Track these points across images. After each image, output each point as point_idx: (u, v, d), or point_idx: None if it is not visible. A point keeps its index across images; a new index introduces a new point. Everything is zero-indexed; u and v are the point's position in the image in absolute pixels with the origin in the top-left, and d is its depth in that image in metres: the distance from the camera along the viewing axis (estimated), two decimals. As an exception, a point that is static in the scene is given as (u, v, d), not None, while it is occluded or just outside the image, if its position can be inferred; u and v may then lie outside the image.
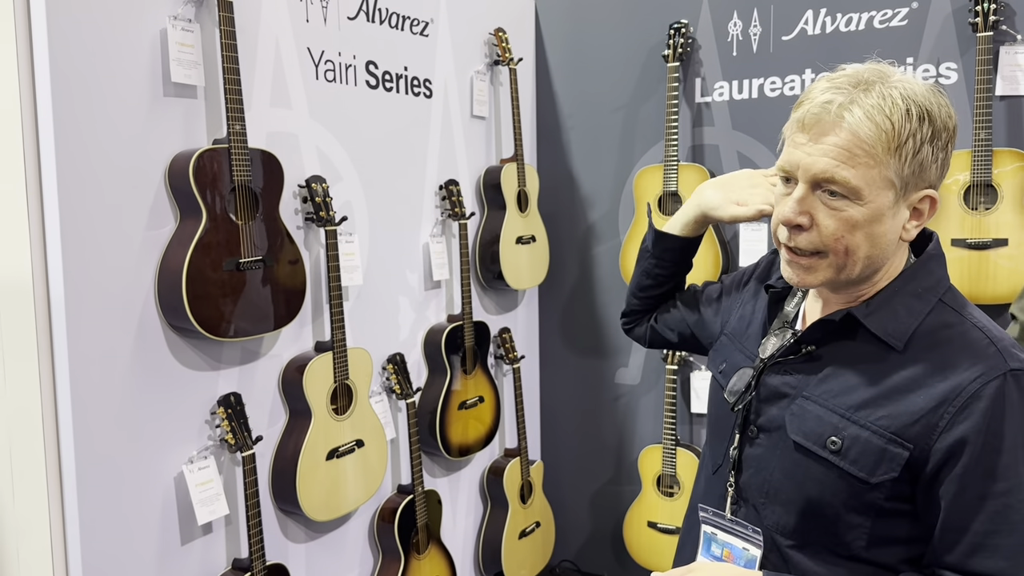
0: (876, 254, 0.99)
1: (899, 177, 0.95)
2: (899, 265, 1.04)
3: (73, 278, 1.62)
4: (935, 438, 0.94)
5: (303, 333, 2.15)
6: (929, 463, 0.95)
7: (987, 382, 0.93)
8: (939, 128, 0.95)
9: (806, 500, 1.02)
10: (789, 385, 1.06)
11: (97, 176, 1.66)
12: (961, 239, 2.36)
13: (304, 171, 2.13)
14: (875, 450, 0.97)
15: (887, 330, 1.00)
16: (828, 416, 1.01)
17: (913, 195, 0.98)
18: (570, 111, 3.14)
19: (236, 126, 1.80)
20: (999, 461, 0.92)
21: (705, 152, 2.88)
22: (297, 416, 2.08)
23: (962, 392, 0.93)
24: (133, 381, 1.74)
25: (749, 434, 1.11)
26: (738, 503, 1.12)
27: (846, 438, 0.99)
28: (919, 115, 0.94)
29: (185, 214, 1.78)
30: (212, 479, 1.87)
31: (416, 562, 2.39)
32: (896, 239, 0.99)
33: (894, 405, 0.97)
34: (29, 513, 1.69)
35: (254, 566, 1.88)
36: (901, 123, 0.93)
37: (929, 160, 0.95)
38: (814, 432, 1.01)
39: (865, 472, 0.97)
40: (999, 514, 0.92)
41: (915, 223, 1.00)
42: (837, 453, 0.99)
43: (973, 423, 0.92)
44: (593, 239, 3.13)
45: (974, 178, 2.33)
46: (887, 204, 0.96)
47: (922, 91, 0.96)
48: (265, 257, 1.87)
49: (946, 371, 0.95)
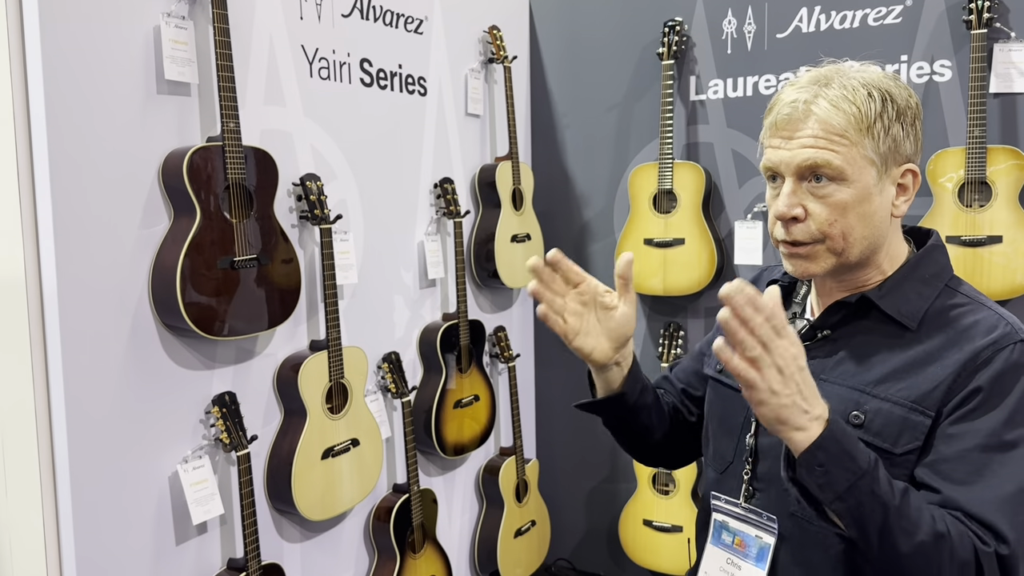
0: (870, 234, 1.04)
1: (876, 154, 1.01)
2: (900, 253, 1.08)
3: (66, 277, 1.61)
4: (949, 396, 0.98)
5: (298, 332, 2.14)
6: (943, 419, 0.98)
7: (1000, 348, 0.97)
8: (903, 107, 1.02)
9: None
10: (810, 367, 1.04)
11: (90, 174, 1.65)
12: (955, 236, 2.36)
13: (298, 169, 2.12)
14: (897, 420, 1.00)
15: (900, 310, 1.03)
16: (848, 394, 1.03)
17: (894, 170, 1.03)
18: (565, 109, 3.13)
19: (230, 124, 1.79)
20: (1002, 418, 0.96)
21: (700, 150, 2.88)
22: (292, 415, 2.07)
23: (977, 357, 0.98)
24: (127, 380, 1.73)
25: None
26: (754, 493, 1.13)
27: (868, 412, 1.01)
28: (881, 97, 1.01)
29: (179, 212, 1.77)
30: (207, 479, 1.86)
31: (412, 561, 2.39)
32: (887, 216, 1.04)
33: (912, 377, 1.00)
34: (22, 513, 1.68)
35: (249, 566, 1.87)
36: (866, 106, 1.00)
37: (901, 136, 1.02)
38: (838, 409, 1.01)
39: (889, 443, 1.00)
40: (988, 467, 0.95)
41: (903, 198, 1.05)
42: (860, 427, 1.01)
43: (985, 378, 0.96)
44: (588, 237, 3.13)
45: (968, 175, 2.33)
46: (872, 182, 1.02)
47: (878, 77, 1.03)
48: (259, 255, 1.86)
49: (961, 343, 0.99)
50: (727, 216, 2.85)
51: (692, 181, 2.76)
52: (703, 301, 2.92)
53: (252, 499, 1.88)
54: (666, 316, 2.99)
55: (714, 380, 1.27)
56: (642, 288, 2.87)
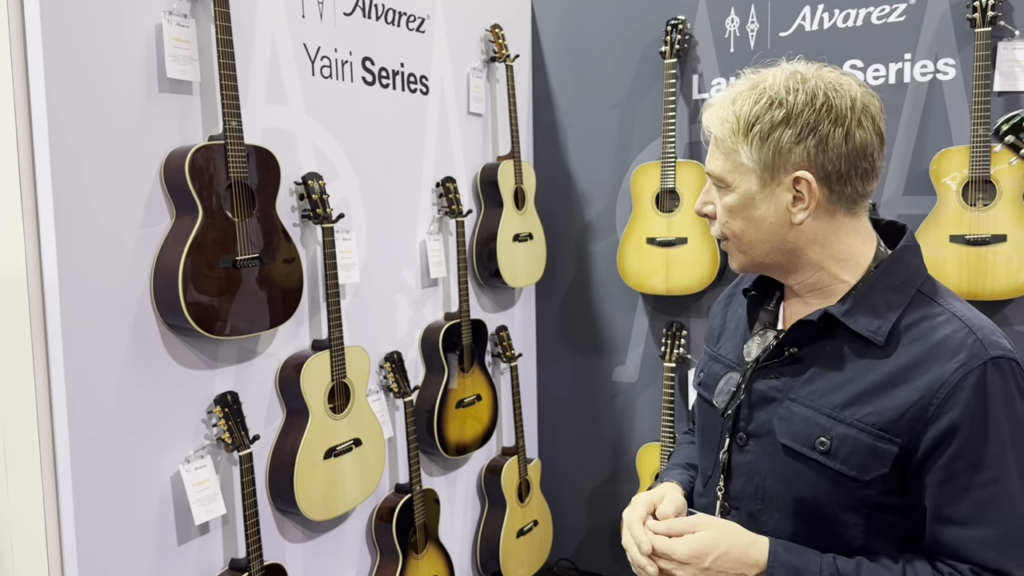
0: (768, 238, 1.04)
1: (755, 162, 1.00)
2: (859, 256, 1.05)
3: (68, 276, 1.61)
4: (922, 430, 0.95)
5: (300, 331, 2.13)
6: (918, 453, 0.96)
7: (968, 372, 0.94)
8: (794, 112, 0.98)
9: (801, 503, 1.03)
10: (776, 389, 1.07)
11: (92, 173, 1.64)
12: (959, 235, 2.35)
13: (300, 168, 2.11)
14: (864, 448, 0.98)
15: (867, 326, 1.00)
16: (815, 417, 1.01)
17: (783, 178, 1.00)
18: (567, 108, 3.12)
19: (232, 122, 1.78)
20: (985, 450, 0.93)
21: (702, 149, 2.87)
22: (294, 415, 2.06)
23: (945, 383, 0.94)
24: (129, 379, 1.73)
25: (738, 441, 1.11)
26: (728, 511, 1.12)
27: (834, 438, 0.99)
28: (768, 102, 0.99)
29: (181, 211, 1.77)
30: (209, 479, 1.85)
31: (414, 561, 2.38)
32: (785, 223, 1.02)
33: (880, 401, 0.97)
34: (24, 513, 1.67)
35: (251, 566, 1.87)
36: (747, 112, 0.99)
37: (787, 143, 0.98)
38: (803, 434, 1.02)
39: (857, 470, 0.98)
40: (987, 503, 0.93)
41: (800, 207, 1.01)
42: (827, 454, 0.99)
43: (958, 413, 0.93)
44: (590, 236, 3.12)
45: (972, 174, 2.32)
46: (754, 188, 1.01)
47: (781, 80, 1.00)
48: (262, 255, 1.86)
49: (928, 363, 0.96)
50: (730, 215, 2.84)
51: (695, 180, 2.75)
52: (705, 300, 2.92)
53: (254, 499, 1.87)
54: (669, 315, 2.99)
55: (698, 394, 1.26)
56: (645, 287, 2.86)
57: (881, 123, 1.02)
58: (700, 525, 1.04)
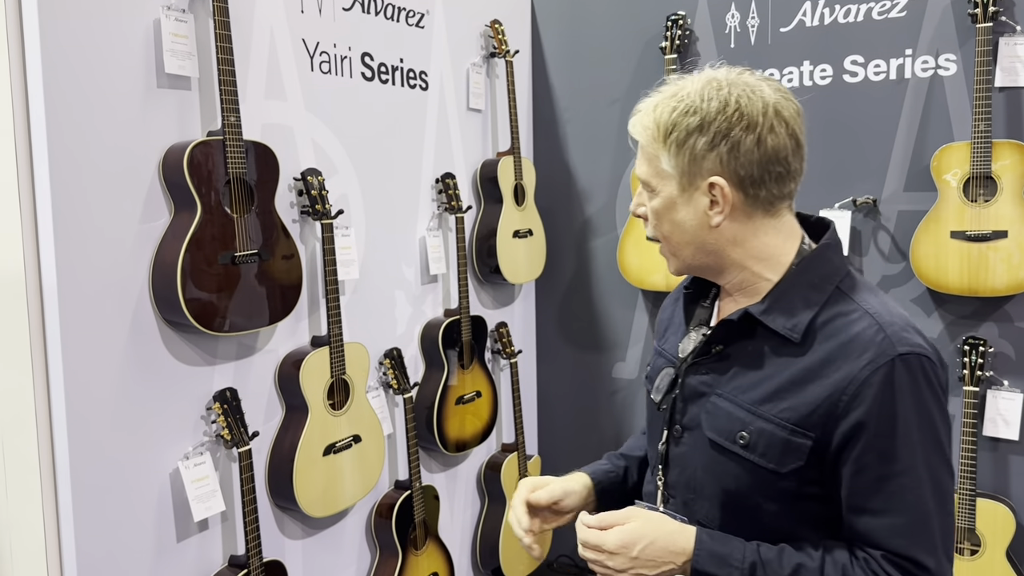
0: (691, 240, 1.07)
1: (674, 168, 1.04)
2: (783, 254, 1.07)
3: (67, 271, 1.60)
4: (833, 426, 0.99)
5: (299, 328, 2.13)
6: (831, 447, 1.00)
7: (876, 368, 0.97)
8: (708, 120, 1.01)
9: (726, 493, 1.08)
10: (705, 384, 1.11)
11: (90, 168, 1.63)
12: (960, 231, 2.35)
13: (299, 164, 2.11)
14: (780, 442, 1.02)
15: (784, 324, 1.03)
16: (737, 412, 1.05)
17: (700, 183, 1.04)
18: (567, 104, 3.12)
19: (231, 118, 1.78)
20: (893, 444, 0.97)
21: (703, 145, 2.87)
22: (293, 411, 2.06)
23: (853, 380, 0.97)
24: (128, 376, 1.72)
25: (675, 433, 1.15)
26: (667, 500, 1.17)
27: (753, 432, 1.03)
28: (683, 110, 1.02)
29: (179, 207, 1.76)
30: (208, 475, 1.85)
31: (414, 558, 2.38)
32: (704, 226, 1.05)
33: (795, 397, 1.01)
34: (22, 510, 1.67)
35: (251, 563, 1.86)
36: (665, 119, 1.04)
37: (701, 149, 1.02)
38: (725, 429, 1.06)
39: (774, 463, 1.02)
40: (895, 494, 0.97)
41: (715, 210, 1.04)
42: (746, 447, 1.04)
43: (866, 408, 0.96)
44: (590, 233, 3.12)
45: (973, 170, 2.32)
46: (674, 193, 1.05)
47: (698, 88, 1.04)
48: (260, 251, 1.85)
49: (839, 361, 0.99)
50: (730, 211, 2.83)
51: (695, 176, 2.75)
52: (706, 297, 2.91)
53: (253, 496, 1.87)
54: (669, 312, 2.98)
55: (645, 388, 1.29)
56: (645, 284, 2.86)
57: (796, 126, 1.05)
58: (630, 517, 1.08)
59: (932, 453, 0.98)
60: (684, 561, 1.05)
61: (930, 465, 0.98)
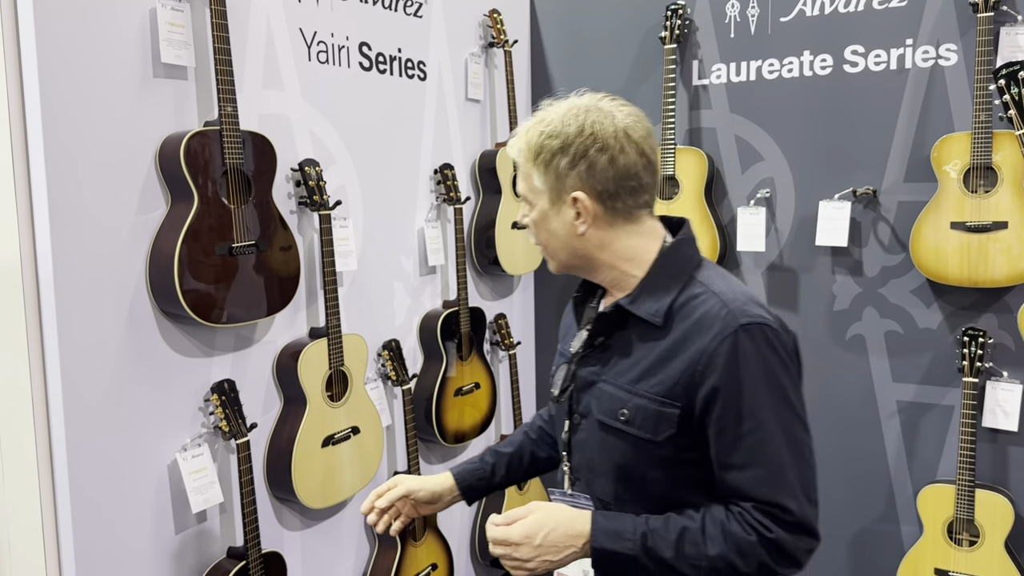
0: (564, 246, 1.22)
1: (544, 184, 1.18)
2: (646, 252, 1.21)
3: (63, 263, 1.59)
4: (693, 394, 1.13)
5: (297, 319, 2.12)
6: (695, 413, 1.13)
7: (722, 340, 1.10)
8: (568, 143, 1.15)
9: (618, 468, 1.21)
10: (594, 374, 1.24)
11: (86, 159, 1.62)
12: (960, 222, 2.34)
13: (297, 154, 2.10)
14: (653, 414, 1.15)
15: (648, 311, 1.18)
16: (618, 393, 1.19)
17: (565, 197, 1.17)
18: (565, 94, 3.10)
19: (228, 108, 1.76)
20: (744, 404, 1.10)
21: (703, 135, 2.85)
22: (292, 403, 2.05)
23: (705, 352, 1.11)
24: (125, 367, 1.71)
25: (574, 421, 1.28)
26: (574, 483, 1.30)
27: (631, 408, 1.17)
28: (548, 133, 1.16)
29: (176, 198, 1.75)
30: (206, 467, 1.84)
31: (413, 549, 2.38)
32: (572, 234, 1.19)
33: (662, 373, 1.15)
34: (20, 503, 1.67)
35: (249, 554, 1.86)
36: (534, 142, 1.18)
37: (564, 168, 1.16)
38: (610, 409, 1.20)
39: (650, 433, 1.16)
40: (753, 448, 1.10)
41: (580, 221, 1.18)
42: (627, 423, 1.18)
43: (718, 375, 1.10)
44: (589, 224, 3.11)
45: (974, 160, 2.31)
46: (546, 206, 1.20)
47: (561, 114, 1.18)
48: (258, 242, 1.84)
49: (693, 337, 1.13)
50: (730, 202, 2.82)
51: (694, 167, 2.74)
52: (705, 288, 2.90)
53: (252, 487, 1.87)
54: (668, 303, 2.98)
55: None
56: (644, 275, 2.85)
57: (646, 145, 1.18)
58: (531, 510, 1.20)
59: (782, 409, 1.11)
60: (584, 543, 1.16)
61: (780, 420, 1.11)
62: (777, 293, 2.79)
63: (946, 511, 2.42)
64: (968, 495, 2.37)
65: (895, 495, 2.67)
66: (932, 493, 2.44)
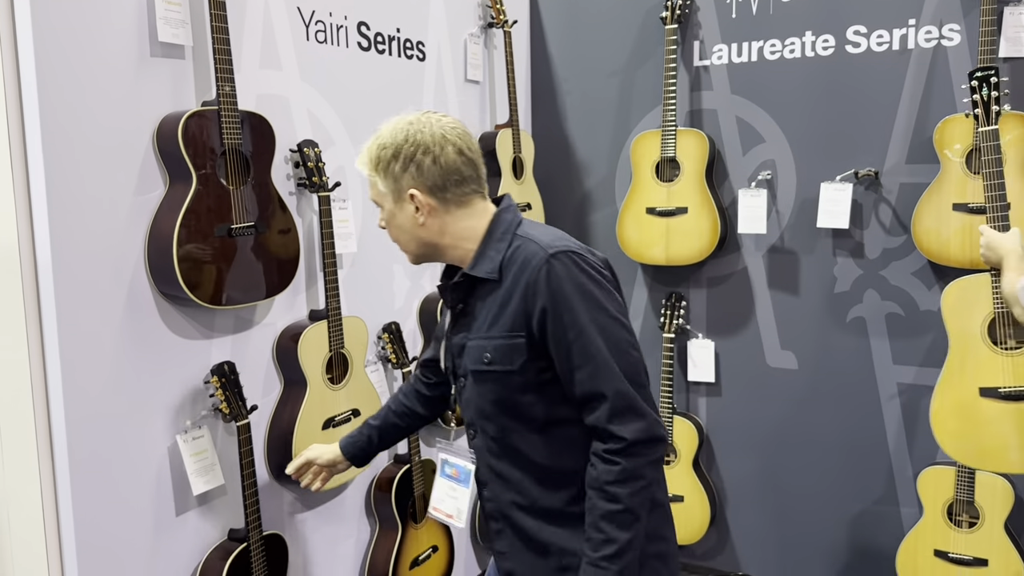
0: (413, 238, 1.43)
1: (386, 188, 1.40)
2: (478, 227, 1.42)
3: (61, 245, 1.58)
4: (529, 320, 1.33)
5: (297, 301, 2.11)
6: (535, 336, 1.34)
7: (539, 269, 1.32)
8: (398, 151, 1.37)
9: (494, 404, 1.40)
10: (463, 337, 1.44)
11: (83, 139, 1.61)
12: (962, 203, 2.33)
13: (296, 135, 2.08)
14: (506, 347, 1.36)
15: (485, 270, 1.39)
16: (480, 343, 1.40)
17: (404, 195, 1.39)
18: (566, 75, 3.08)
19: (226, 87, 1.74)
20: (566, 317, 1.31)
21: (704, 117, 2.84)
22: (292, 386, 2.04)
23: (530, 283, 1.33)
24: (124, 350, 1.70)
25: (459, 385, 1.49)
26: (475, 436, 1.49)
27: (491, 350, 1.38)
28: (382, 145, 1.39)
29: (174, 179, 1.73)
30: (207, 449, 1.84)
31: (414, 531, 2.38)
32: (415, 225, 1.41)
33: (506, 314, 1.36)
34: (20, 486, 1.66)
35: (250, 536, 1.86)
36: (373, 154, 1.40)
37: (398, 171, 1.38)
38: (477, 357, 1.40)
39: (508, 364, 1.36)
40: (581, 351, 1.31)
41: (419, 214, 1.40)
42: (491, 363, 1.38)
43: (541, 299, 1.32)
44: (589, 206, 3.09)
45: (976, 142, 2.29)
46: (392, 206, 1.42)
47: (391, 128, 1.39)
48: (257, 223, 1.83)
49: (521, 277, 1.34)
50: (731, 184, 2.81)
51: (695, 149, 2.72)
52: (706, 271, 2.90)
53: (253, 469, 1.86)
54: (668, 286, 2.97)
55: None
56: (644, 258, 2.84)
57: (463, 144, 1.39)
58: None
59: (597, 315, 1.31)
60: None
61: (597, 323, 1.31)
62: (778, 275, 2.78)
63: (946, 493, 2.42)
64: (968, 477, 2.37)
65: (895, 477, 2.67)
66: (932, 475, 2.45)
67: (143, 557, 1.77)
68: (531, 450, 1.39)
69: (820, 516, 2.80)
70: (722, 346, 2.90)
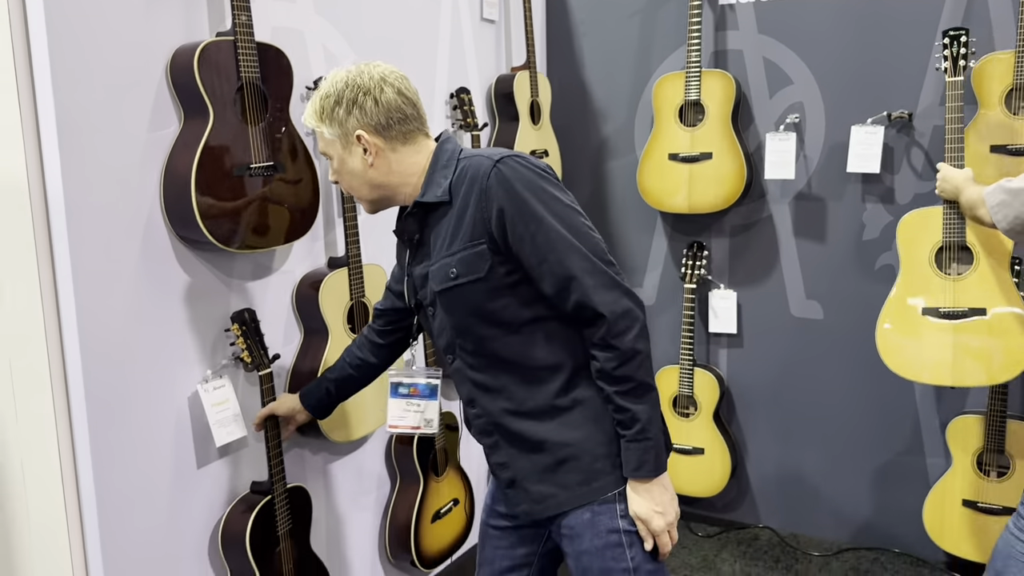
0: (365, 181, 1.46)
1: (333, 135, 1.43)
2: (421, 162, 1.46)
3: (73, 185, 1.49)
4: (488, 226, 1.36)
5: (315, 248, 2.03)
6: (497, 239, 1.36)
7: (488, 176, 1.36)
8: (340, 97, 1.41)
9: (473, 316, 1.42)
10: (424, 266, 1.47)
11: (94, 72, 1.51)
12: (1001, 145, 2.25)
13: (311, 71, 1.98)
14: (470, 257, 1.38)
15: (435, 194, 1.42)
16: (444, 262, 1.42)
17: (352, 138, 1.42)
18: (583, 16, 2.96)
19: (241, 16, 1.64)
20: (523, 213, 1.34)
21: (729, 58, 2.73)
22: (313, 335, 1.97)
23: (483, 191, 1.36)
24: (141, 296, 1.62)
25: (427, 314, 1.51)
26: (452, 363, 1.49)
27: (455, 264, 1.40)
28: (323, 94, 1.42)
29: (190, 114, 1.64)
30: (228, 399, 1.77)
31: (435, 484, 2.33)
32: (366, 167, 1.44)
33: (463, 228, 1.39)
34: (36, 439, 1.59)
35: (275, 488, 1.80)
36: (317, 105, 1.43)
37: (342, 115, 1.41)
38: (442, 277, 1.42)
39: (475, 272, 1.38)
40: (543, 244, 1.34)
41: (368, 155, 1.43)
42: (457, 277, 1.40)
43: (497, 202, 1.34)
44: (608, 153, 3.00)
45: (1017, 80, 2.21)
46: (341, 152, 1.44)
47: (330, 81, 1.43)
48: (276, 163, 1.74)
49: (472, 189, 1.38)
50: (756, 128, 2.72)
51: (720, 91, 2.63)
52: (729, 219, 2.82)
53: (276, 420, 1.80)
54: (690, 235, 2.89)
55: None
56: (664, 206, 2.76)
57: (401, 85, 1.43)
58: None
59: (552, 204, 1.35)
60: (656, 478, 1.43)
61: (554, 213, 1.34)
62: (804, 223, 2.71)
63: (976, 442, 2.38)
64: (999, 426, 2.33)
65: (922, 427, 2.63)
66: (961, 424, 2.41)
67: (164, 510, 1.71)
68: (511, 353, 1.42)
69: (843, 468, 2.77)
70: (744, 296, 2.84)
